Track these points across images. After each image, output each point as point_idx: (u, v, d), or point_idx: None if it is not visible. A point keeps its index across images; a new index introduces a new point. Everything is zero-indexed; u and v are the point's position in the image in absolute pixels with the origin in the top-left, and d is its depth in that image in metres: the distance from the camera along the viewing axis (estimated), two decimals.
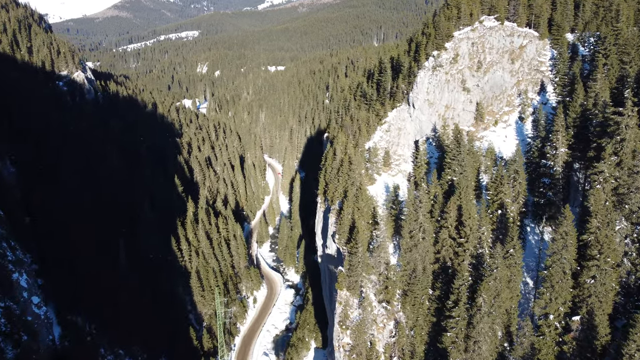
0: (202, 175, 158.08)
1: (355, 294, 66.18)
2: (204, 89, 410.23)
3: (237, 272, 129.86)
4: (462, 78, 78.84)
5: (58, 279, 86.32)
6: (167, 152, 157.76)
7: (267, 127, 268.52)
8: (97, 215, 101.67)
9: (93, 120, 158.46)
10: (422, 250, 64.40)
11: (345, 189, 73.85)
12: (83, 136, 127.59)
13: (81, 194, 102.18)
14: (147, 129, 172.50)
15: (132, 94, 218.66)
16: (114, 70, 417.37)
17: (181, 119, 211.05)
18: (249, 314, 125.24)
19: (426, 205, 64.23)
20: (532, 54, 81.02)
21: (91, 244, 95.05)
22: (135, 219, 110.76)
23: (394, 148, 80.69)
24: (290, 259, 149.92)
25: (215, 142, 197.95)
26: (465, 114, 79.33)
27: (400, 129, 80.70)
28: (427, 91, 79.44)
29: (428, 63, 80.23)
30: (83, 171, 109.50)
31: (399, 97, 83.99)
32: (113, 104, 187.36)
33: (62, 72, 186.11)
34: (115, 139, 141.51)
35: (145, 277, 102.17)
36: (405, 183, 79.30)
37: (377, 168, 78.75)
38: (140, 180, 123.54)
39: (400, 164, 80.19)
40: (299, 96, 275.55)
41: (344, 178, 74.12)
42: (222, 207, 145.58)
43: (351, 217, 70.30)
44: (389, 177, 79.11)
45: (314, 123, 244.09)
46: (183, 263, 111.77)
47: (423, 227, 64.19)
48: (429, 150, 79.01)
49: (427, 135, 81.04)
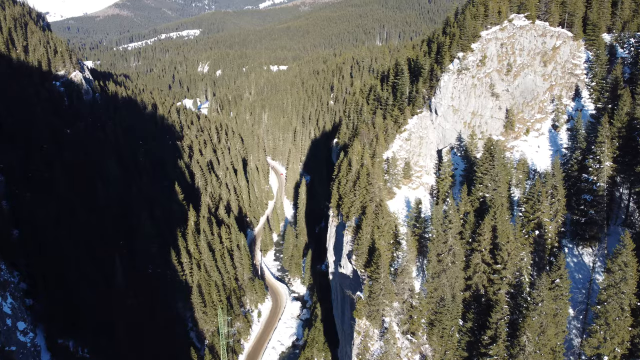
0: (203, 181, 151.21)
1: (376, 324, 59.39)
2: (205, 88, 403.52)
3: (241, 284, 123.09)
4: (491, 82, 71.88)
5: (49, 299, 79.62)
6: (167, 157, 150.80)
7: (270, 128, 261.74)
8: (92, 228, 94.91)
9: (90, 123, 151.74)
10: (451, 275, 57.60)
11: (363, 204, 66.99)
12: (79, 141, 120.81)
13: (75, 205, 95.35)
14: (146, 132, 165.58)
15: (131, 94, 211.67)
16: (115, 69, 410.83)
17: (182, 121, 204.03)
18: (254, 329, 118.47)
19: (456, 225, 57.38)
20: (565, 56, 74.05)
21: (85, 259, 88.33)
22: (133, 231, 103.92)
23: (415, 158, 73.81)
24: (296, 269, 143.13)
25: (217, 145, 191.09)
26: (494, 122, 72.40)
27: (421, 137, 73.79)
28: (451, 96, 72.51)
29: (452, 66, 73.29)
30: (77, 180, 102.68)
31: (419, 103, 77.06)
32: (112, 106, 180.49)
33: (59, 72, 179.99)
34: (112, 144, 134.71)
35: (143, 294, 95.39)
36: (427, 197, 72.43)
37: (396, 180, 71.86)
38: (138, 188, 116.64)
39: (422, 175, 73.32)
40: (302, 97, 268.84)
41: (361, 192, 67.21)
42: (225, 214, 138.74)
43: (370, 237, 63.45)
44: (409, 191, 72.23)
45: (318, 125, 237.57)
46: (184, 277, 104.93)
47: (453, 250, 57.39)
48: (454, 161, 72.11)
49: (451, 145, 74.15)
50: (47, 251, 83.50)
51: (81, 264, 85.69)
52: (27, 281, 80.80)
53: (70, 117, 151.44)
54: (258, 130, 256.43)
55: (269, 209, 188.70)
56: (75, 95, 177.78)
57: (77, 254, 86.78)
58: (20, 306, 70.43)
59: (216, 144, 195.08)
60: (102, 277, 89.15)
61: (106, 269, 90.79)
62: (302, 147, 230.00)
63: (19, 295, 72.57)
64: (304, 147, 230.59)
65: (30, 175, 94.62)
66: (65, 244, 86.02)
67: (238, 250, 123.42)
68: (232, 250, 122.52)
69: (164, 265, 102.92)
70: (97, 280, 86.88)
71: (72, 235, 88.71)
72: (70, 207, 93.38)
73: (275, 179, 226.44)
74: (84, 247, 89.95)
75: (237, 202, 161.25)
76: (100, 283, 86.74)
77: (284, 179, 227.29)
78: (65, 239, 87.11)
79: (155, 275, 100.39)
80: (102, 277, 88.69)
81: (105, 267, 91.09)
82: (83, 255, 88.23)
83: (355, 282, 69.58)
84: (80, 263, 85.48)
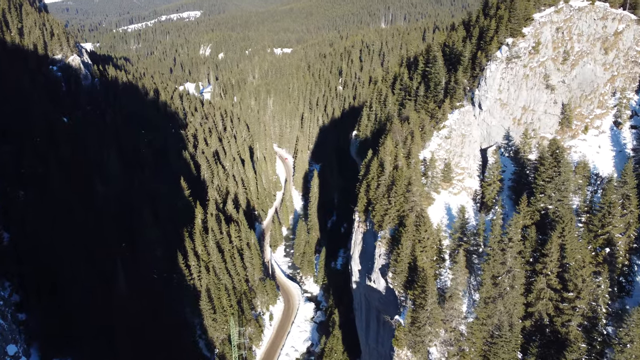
0: (209, 173, 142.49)
1: (421, 357, 51.38)
2: (207, 72, 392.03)
3: (252, 285, 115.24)
4: (545, 72, 62.76)
5: (44, 311, 71.51)
6: (171, 147, 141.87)
7: (275, 114, 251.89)
8: (90, 229, 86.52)
9: (89, 111, 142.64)
10: (509, 301, 49.38)
11: (401, 214, 58.45)
12: (76, 132, 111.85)
13: (72, 204, 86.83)
14: (148, 120, 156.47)
15: (132, 79, 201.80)
16: (114, 52, 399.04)
17: (185, 107, 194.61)
18: (265, 334, 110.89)
19: (517, 244, 48.96)
20: (629, 43, 64.83)
21: (83, 265, 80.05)
22: (135, 231, 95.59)
23: (456, 159, 65.03)
24: (309, 267, 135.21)
25: (222, 134, 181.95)
26: (547, 118, 63.47)
27: (463, 135, 64.93)
28: (499, 89, 63.51)
29: (500, 53, 64.10)
30: (75, 175, 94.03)
31: (459, 95, 68.02)
32: (111, 92, 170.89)
33: (56, 56, 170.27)
34: (113, 134, 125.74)
35: (147, 301, 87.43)
36: (470, 203, 63.84)
37: (435, 184, 63.23)
38: (140, 183, 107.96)
39: (464, 179, 64.60)
40: (309, 81, 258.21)
41: (398, 200, 58.63)
42: (233, 209, 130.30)
43: (410, 253, 55.01)
44: (450, 196, 63.64)
45: (326, 111, 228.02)
46: (192, 282, 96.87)
47: (513, 272, 49.09)
48: (501, 163, 63.33)
49: (498, 144, 65.29)
50: (41, 257, 75.19)
51: (79, 271, 77.38)
52: (20, 292, 72.69)
53: (67, 104, 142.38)
54: (264, 117, 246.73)
55: (277, 201, 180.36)
56: (74, 81, 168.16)
57: (75, 259, 78.46)
58: (11, 325, 62.37)
59: (221, 132, 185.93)
60: (103, 284, 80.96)
61: (106, 275, 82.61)
62: (309, 135, 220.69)
63: (9, 311, 64.37)
64: (311, 134, 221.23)
65: (23, 171, 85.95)
66: (62, 249, 77.64)
67: (248, 249, 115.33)
68: (242, 249, 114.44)
69: (169, 268, 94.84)
70: (97, 288, 78.68)
71: (68, 239, 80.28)
72: (66, 207, 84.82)
73: (283, 168, 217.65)
74: (82, 251, 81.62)
75: (245, 195, 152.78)
76: (100, 291, 78.54)
77: (291, 166, 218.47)
78: (61, 242, 78.70)
79: (161, 280, 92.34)
80: (102, 285, 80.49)
81: (105, 273, 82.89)
82: (81, 261, 79.92)
83: (390, 301, 61.56)
84: (77, 269, 77.17)
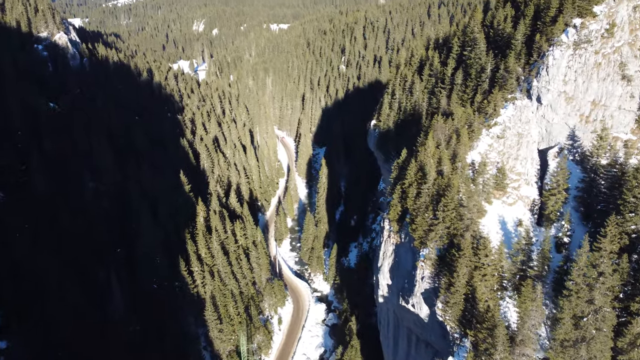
0: (210, 162, 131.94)
1: None
2: (201, 49, 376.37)
3: (259, 287, 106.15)
4: (621, 60, 52.68)
5: (29, 336, 61.98)
6: (168, 135, 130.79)
7: (275, 95, 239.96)
8: (79, 237, 76.44)
9: (77, 95, 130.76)
10: (595, 347, 40.30)
11: (452, 232, 48.80)
12: (63, 121, 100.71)
13: (58, 208, 76.53)
14: (142, 105, 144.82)
15: (124, 58, 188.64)
16: (104, 28, 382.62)
17: (181, 89, 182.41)
18: (275, 340, 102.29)
19: (609, 278, 39.63)
20: None
21: (72, 280, 70.30)
22: (131, 235, 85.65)
23: (511, 163, 55.17)
24: (318, 264, 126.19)
25: (221, 118, 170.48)
26: (622, 115, 53.54)
27: (520, 134, 54.98)
28: (564, 79, 53.34)
29: (566, 37, 53.71)
30: (61, 173, 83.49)
31: (511, 86, 57.79)
32: (102, 73, 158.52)
33: (41, 34, 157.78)
34: (104, 121, 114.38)
35: (147, 315, 78.18)
36: (527, 215, 54.17)
37: (486, 193, 53.46)
38: (136, 178, 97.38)
39: (520, 186, 54.82)
40: (309, 60, 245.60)
41: (448, 215, 48.89)
42: (237, 203, 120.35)
43: (467, 283, 45.49)
44: (504, 207, 53.96)
45: (329, 92, 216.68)
46: (195, 290, 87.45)
47: (603, 312, 39.95)
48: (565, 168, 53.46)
49: (560, 145, 55.41)
50: (22, 272, 65.29)
51: (67, 287, 67.67)
52: (2, 316, 62.98)
53: (54, 88, 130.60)
54: (263, 98, 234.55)
55: (280, 189, 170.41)
56: (61, 61, 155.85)
57: (62, 273, 68.69)
58: None
59: (220, 116, 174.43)
60: (95, 300, 71.38)
61: (99, 290, 72.97)
62: (312, 117, 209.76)
63: None
64: (314, 116, 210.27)
65: (1, 170, 75.38)
66: (46, 261, 67.69)
67: (255, 249, 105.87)
68: (248, 248, 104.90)
69: (171, 276, 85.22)
70: (88, 306, 69.11)
71: (54, 248, 70.35)
72: (51, 210, 74.54)
73: (284, 152, 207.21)
74: (71, 262, 71.76)
75: (248, 185, 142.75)
76: (92, 310, 68.99)
77: (292, 150, 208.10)
78: (45, 253, 68.73)
79: (162, 289, 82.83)
80: (94, 302, 70.91)
81: (97, 286, 73.23)
82: (69, 274, 70.18)
83: (433, 330, 52.48)
84: (66, 286, 67.44)
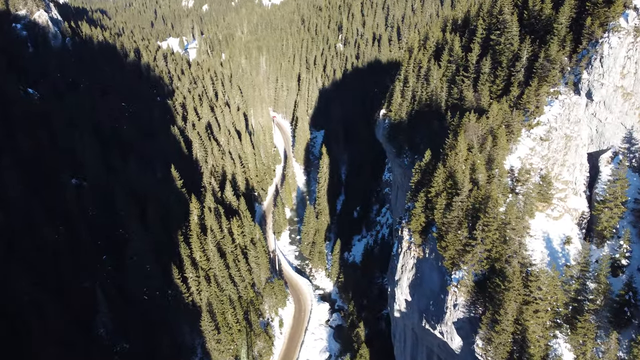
0: (203, 151, 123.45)
1: None
2: (191, 25, 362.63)
3: (258, 289, 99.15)
4: None
5: None
6: (157, 122, 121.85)
7: (270, 75, 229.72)
8: (61, 244, 68.44)
9: (58, 79, 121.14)
10: None
11: (495, 256, 41.37)
12: (40, 111, 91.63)
13: (34, 214, 68.26)
14: (129, 89, 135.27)
15: (109, 37, 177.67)
16: (90, 4, 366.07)
17: (171, 70, 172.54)
18: (276, 345, 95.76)
19: None
20: None
21: (54, 299, 62.58)
22: (118, 241, 77.71)
23: (557, 169, 47.56)
24: (319, 259, 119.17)
25: (214, 101, 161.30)
26: None
27: (568, 137, 47.29)
28: (622, 72, 45.53)
29: (626, 21, 45.67)
30: (37, 173, 74.95)
31: (553, 78, 49.89)
32: (86, 54, 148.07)
33: (20, 12, 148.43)
34: (88, 109, 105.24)
35: (137, 330, 70.86)
36: (575, 231, 46.80)
37: (528, 205, 45.91)
38: (123, 175, 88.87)
39: (567, 197, 47.31)
40: (305, 38, 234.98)
41: (489, 237, 41.38)
42: (233, 196, 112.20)
43: (516, 320, 38.26)
44: (548, 221, 46.50)
45: (326, 71, 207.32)
46: (190, 298, 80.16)
47: None
48: (619, 176, 45.92)
49: (615, 149, 47.83)
50: None
51: (47, 310, 59.91)
52: None
53: (33, 72, 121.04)
54: (257, 78, 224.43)
55: (278, 177, 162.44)
56: (41, 42, 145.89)
57: (40, 293, 60.91)
58: None
59: (213, 99, 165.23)
60: (78, 318, 63.80)
61: (84, 309, 65.29)
62: (308, 99, 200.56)
63: None
64: (311, 98, 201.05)
65: None
66: (21, 280, 59.86)
67: (253, 247, 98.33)
68: (247, 247, 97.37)
69: (163, 285, 77.67)
70: (74, 334, 61.48)
71: (30, 263, 62.42)
72: (27, 220, 66.32)
73: (280, 136, 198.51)
74: (51, 278, 63.92)
75: (244, 175, 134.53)
76: (74, 332, 61.40)
77: (289, 133, 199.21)
78: (20, 270, 60.84)
79: (153, 300, 75.31)
80: (77, 320, 63.33)
81: (82, 304, 65.51)
82: (49, 293, 62.41)
83: None
84: (45, 309, 59.69)
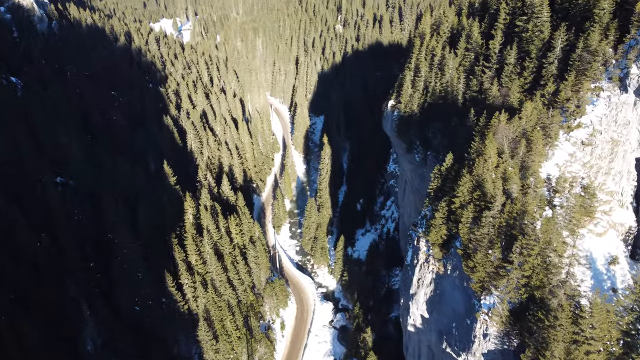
0: (198, 142, 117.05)
1: None
2: (185, 6, 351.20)
3: (258, 290, 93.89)
4: None
5: None
6: (149, 112, 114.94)
7: (267, 58, 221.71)
8: (42, 252, 62.59)
9: (44, 66, 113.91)
10: None
11: (536, 283, 35.75)
12: (24, 103, 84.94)
13: (12, 221, 62.20)
14: (119, 75, 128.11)
15: (99, 20, 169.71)
16: None
17: (163, 54, 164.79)
18: (278, 350, 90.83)
19: None
20: None
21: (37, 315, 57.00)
22: (107, 247, 71.83)
23: (601, 178, 41.79)
24: (322, 255, 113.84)
25: (209, 88, 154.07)
26: None
27: (614, 141, 41.41)
28: None
29: None
30: (14, 174, 68.67)
31: (594, 73, 43.84)
32: (73, 38, 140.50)
33: None
34: (75, 99, 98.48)
35: (128, 345, 65.49)
36: (621, 248, 41.21)
37: (567, 220, 40.18)
38: (112, 173, 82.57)
39: (612, 210, 41.61)
40: (302, 19, 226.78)
41: (529, 263, 35.70)
42: (230, 191, 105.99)
43: None
44: (591, 238, 40.88)
45: (325, 55, 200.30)
46: (186, 306, 74.71)
47: None
48: None
49: None
50: None
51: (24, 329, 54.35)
52: None
53: (18, 58, 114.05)
54: (253, 62, 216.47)
55: (276, 166, 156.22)
56: (26, 25, 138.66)
57: (20, 311, 55.25)
58: None
59: (208, 85, 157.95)
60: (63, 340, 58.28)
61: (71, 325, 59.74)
62: (307, 83, 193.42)
63: None
64: (309, 82, 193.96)
65: None
66: None
67: (253, 247, 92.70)
68: (245, 247, 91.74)
69: (156, 292, 72.12)
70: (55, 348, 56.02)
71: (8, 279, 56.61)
72: (4, 227, 60.31)
73: (278, 122, 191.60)
74: (33, 292, 58.23)
75: (241, 166, 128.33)
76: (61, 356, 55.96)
77: (287, 120, 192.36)
78: None
79: (145, 311, 69.81)
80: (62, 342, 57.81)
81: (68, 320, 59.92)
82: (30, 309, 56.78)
83: None
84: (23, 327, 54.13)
